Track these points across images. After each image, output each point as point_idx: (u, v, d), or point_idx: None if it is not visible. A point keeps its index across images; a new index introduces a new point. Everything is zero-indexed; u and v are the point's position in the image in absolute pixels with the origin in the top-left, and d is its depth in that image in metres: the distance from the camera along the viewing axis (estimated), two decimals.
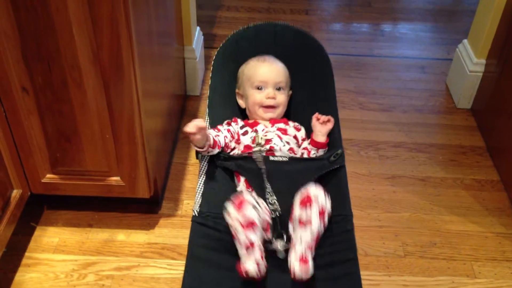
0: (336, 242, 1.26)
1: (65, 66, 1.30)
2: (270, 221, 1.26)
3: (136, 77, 1.36)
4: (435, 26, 2.90)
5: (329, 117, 1.46)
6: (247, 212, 1.18)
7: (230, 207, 1.20)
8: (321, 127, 1.46)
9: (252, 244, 1.17)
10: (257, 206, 1.22)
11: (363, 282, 1.22)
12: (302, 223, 1.19)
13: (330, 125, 1.46)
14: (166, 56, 1.83)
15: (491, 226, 1.74)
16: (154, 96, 1.63)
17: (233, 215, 1.18)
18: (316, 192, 1.21)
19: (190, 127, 1.30)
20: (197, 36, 2.24)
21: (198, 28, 2.28)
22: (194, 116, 2.16)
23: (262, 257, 1.17)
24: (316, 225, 1.19)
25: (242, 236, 1.17)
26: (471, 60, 2.15)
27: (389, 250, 1.65)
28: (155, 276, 1.55)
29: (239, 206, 1.19)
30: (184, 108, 2.20)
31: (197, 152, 1.43)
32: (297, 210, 1.21)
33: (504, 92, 1.95)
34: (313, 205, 1.19)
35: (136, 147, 1.47)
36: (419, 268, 1.60)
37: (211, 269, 1.24)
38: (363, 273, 1.24)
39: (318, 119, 1.46)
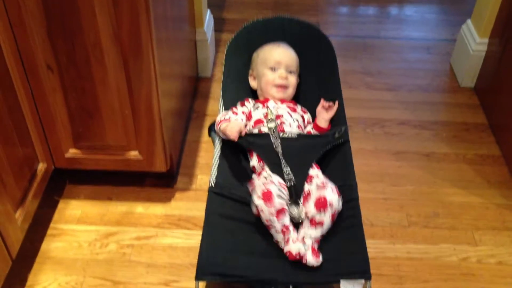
0: (342, 209, 1.34)
1: (87, 45, 1.39)
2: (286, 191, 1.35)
3: (154, 58, 1.44)
4: (440, 8, 2.95)
5: (332, 103, 1.57)
6: (276, 203, 1.26)
7: (259, 202, 1.26)
8: (325, 114, 1.56)
9: (286, 227, 1.28)
10: (280, 192, 1.30)
11: (368, 250, 1.30)
12: (314, 223, 1.29)
13: (332, 113, 1.57)
14: (179, 39, 1.91)
15: (492, 197, 1.82)
16: (170, 77, 1.71)
17: (265, 210, 1.26)
18: (332, 198, 1.29)
19: (234, 135, 1.42)
20: (208, 19, 2.31)
21: (208, 11, 2.35)
22: (206, 96, 2.24)
23: (294, 230, 1.29)
24: (326, 226, 1.30)
25: (278, 225, 1.27)
26: (474, 39, 2.21)
27: (393, 220, 1.73)
28: (173, 245, 1.64)
29: (268, 199, 1.26)
30: (196, 89, 2.28)
31: (209, 130, 1.53)
32: (312, 210, 1.29)
33: (506, 70, 2.01)
34: (328, 209, 1.29)
35: (153, 122, 1.55)
36: (422, 237, 1.68)
37: (227, 236, 1.33)
38: (369, 242, 1.32)
39: (323, 106, 1.56)
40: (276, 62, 1.59)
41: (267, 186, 1.28)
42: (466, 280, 1.57)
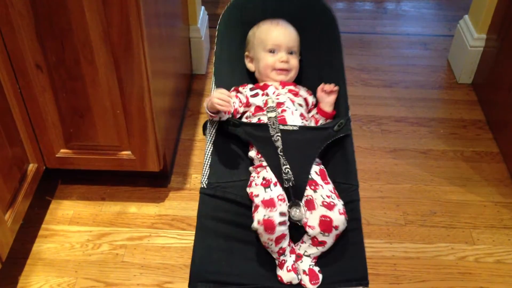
0: None
1: (77, 44, 1.36)
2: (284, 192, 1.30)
3: (146, 56, 1.41)
4: (437, 3, 2.92)
5: (333, 86, 1.44)
6: (278, 233, 1.21)
7: (259, 227, 1.20)
8: (327, 98, 1.46)
9: (283, 249, 1.24)
10: (284, 216, 1.22)
11: (365, 249, 1.28)
12: (316, 242, 1.24)
13: (335, 95, 1.46)
14: (172, 36, 1.88)
15: (490, 195, 1.80)
16: (162, 75, 1.68)
17: (264, 235, 1.21)
18: (338, 221, 1.22)
19: (221, 102, 1.28)
20: (201, 15, 2.28)
21: (202, 8, 2.32)
22: (201, 94, 2.21)
23: (291, 251, 1.25)
24: (328, 246, 1.24)
25: (275, 248, 1.23)
26: (472, 35, 2.19)
27: (390, 219, 1.71)
28: (166, 245, 1.62)
29: (269, 227, 1.20)
30: (190, 86, 2.25)
31: (204, 128, 1.46)
32: (315, 228, 1.23)
33: (503, 66, 1.99)
34: (333, 232, 1.23)
35: (146, 122, 1.53)
36: (420, 236, 1.66)
37: (221, 240, 1.28)
38: (365, 241, 1.29)
39: (323, 90, 1.47)
40: (275, 44, 1.44)
41: (268, 212, 1.21)
42: (464, 279, 1.55)
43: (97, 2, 1.29)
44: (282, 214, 1.22)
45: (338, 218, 1.22)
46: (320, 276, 1.22)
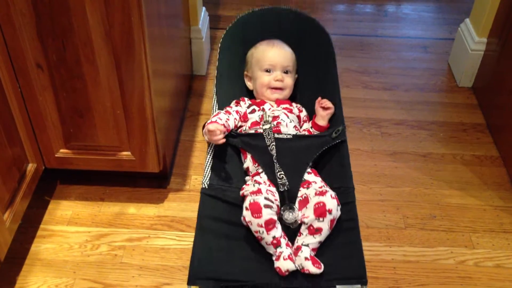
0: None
1: (78, 44, 1.36)
2: (278, 195, 1.32)
3: (147, 56, 1.41)
4: (438, 6, 2.92)
5: (330, 104, 1.52)
6: (266, 216, 1.22)
7: (246, 213, 1.23)
8: (323, 112, 1.52)
9: (277, 240, 1.24)
10: (270, 201, 1.26)
11: (364, 252, 1.28)
12: (312, 230, 1.25)
13: (331, 111, 1.52)
14: (174, 37, 1.87)
15: (490, 199, 1.79)
16: (163, 75, 1.68)
17: (253, 222, 1.23)
18: (331, 205, 1.25)
19: (216, 138, 1.36)
20: (203, 16, 2.28)
21: (203, 8, 2.32)
22: (201, 95, 2.21)
23: (287, 244, 1.25)
24: (325, 234, 1.26)
25: (268, 238, 1.24)
26: (473, 39, 2.19)
27: (390, 222, 1.71)
28: (165, 247, 1.61)
29: (256, 210, 1.22)
30: (190, 87, 2.25)
31: (203, 129, 1.49)
32: (310, 216, 1.26)
33: (504, 70, 1.99)
34: (327, 216, 1.25)
35: (146, 122, 1.52)
36: (419, 239, 1.66)
37: (220, 239, 1.30)
38: (365, 244, 1.30)
39: (321, 105, 1.52)
40: (271, 64, 1.53)
41: (254, 197, 1.25)
42: (464, 283, 1.55)
43: (99, 2, 1.29)
44: (267, 199, 1.26)
45: (331, 201, 1.26)
46: (322, 265, 1.22)
